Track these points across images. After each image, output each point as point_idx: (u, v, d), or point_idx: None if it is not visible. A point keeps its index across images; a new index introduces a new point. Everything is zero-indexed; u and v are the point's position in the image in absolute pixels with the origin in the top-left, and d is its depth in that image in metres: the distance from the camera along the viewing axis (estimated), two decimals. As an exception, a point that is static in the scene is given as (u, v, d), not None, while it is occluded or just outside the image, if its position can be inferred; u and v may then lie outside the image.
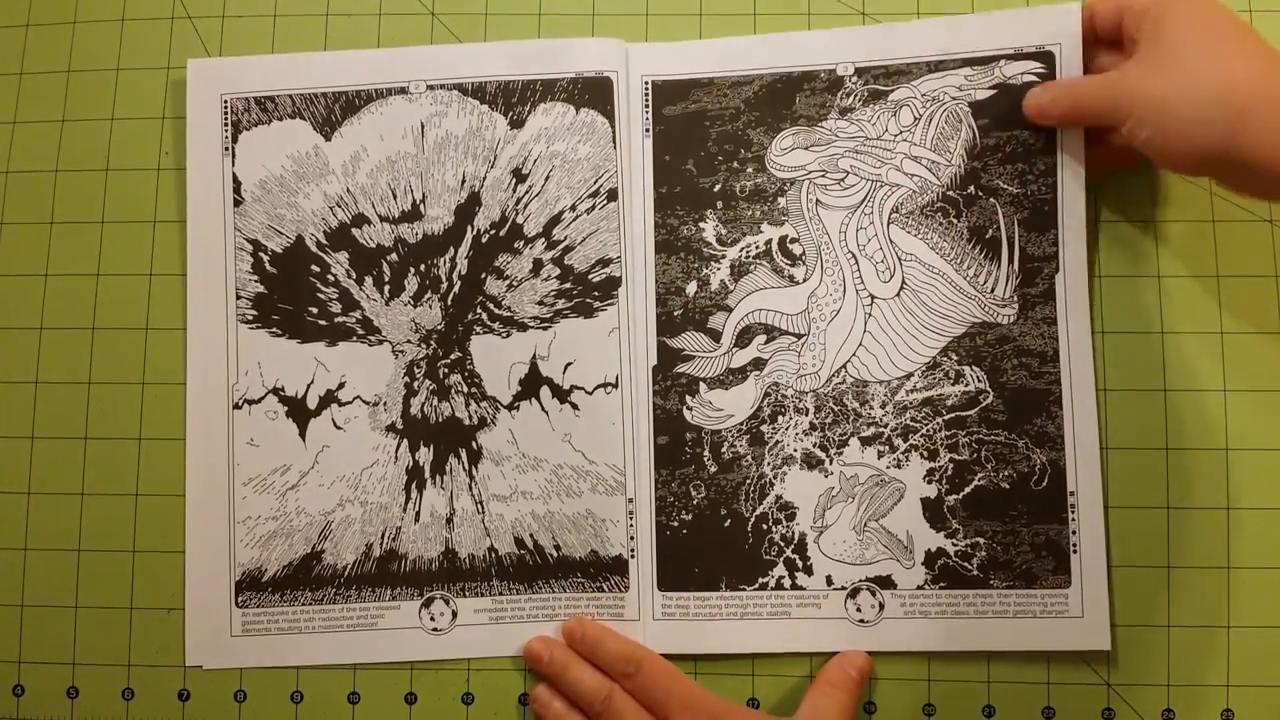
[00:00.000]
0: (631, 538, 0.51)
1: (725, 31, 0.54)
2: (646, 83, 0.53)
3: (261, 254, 0.53)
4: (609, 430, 0.52)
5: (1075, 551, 0.49)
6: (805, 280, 0.52)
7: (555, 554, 0.51)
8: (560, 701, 0.49)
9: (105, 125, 0.55)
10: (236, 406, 0.53)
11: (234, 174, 0.54)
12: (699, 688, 0.48)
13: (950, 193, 0.51)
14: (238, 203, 0.54)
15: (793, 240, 0.52)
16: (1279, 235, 0.51)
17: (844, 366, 0.51)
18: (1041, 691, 0.49)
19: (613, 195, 0.53)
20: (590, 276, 0.53)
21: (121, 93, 0.55)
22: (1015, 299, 0.50)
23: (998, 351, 0.50)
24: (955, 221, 0.51)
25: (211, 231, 0.54)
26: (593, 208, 0.53)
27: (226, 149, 0.54)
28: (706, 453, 0.51)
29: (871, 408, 0.51)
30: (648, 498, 0.51)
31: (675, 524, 0.51)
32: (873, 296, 0.51)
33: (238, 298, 0.53)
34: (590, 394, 0.52)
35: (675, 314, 0.52)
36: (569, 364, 0.52)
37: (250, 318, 0.53)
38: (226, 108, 0.54)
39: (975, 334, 0.51)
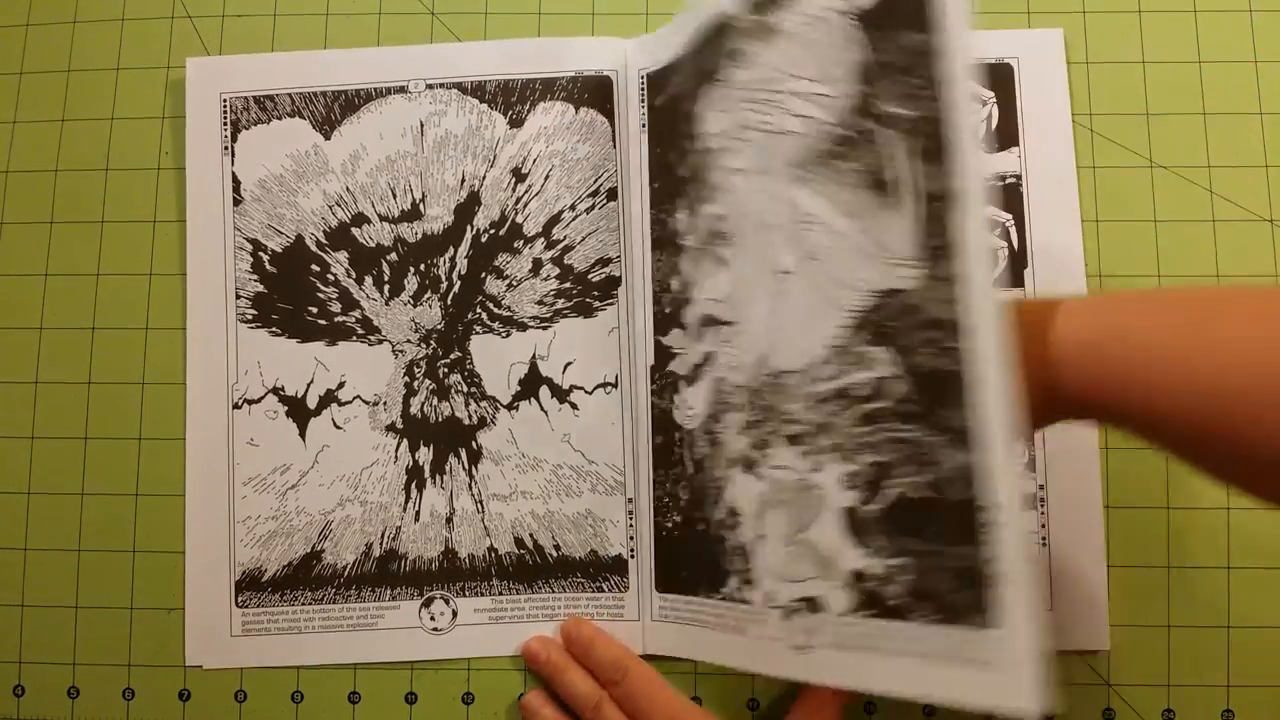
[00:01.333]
0: (631, 538, 0.51)
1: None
2: (643, 76, 0.53)
3: (261, 253, 0.53)
4: (608, 430, 0.52)
5: (997, 583, 0.35)
6: (732, 261, 0.46)
7: (555, 554, 0.51)
8: (550, 709, 0.49)
9: (105, 125, 0.55)
10: (236, 406, 0.53)
11: (233, 173, 0.54)
12: (683, 701, 0.47)
13: (842, 130, 0.41)
14: (237, 202, 0.54)
15: (720, 218, 0.47)
16: (1279, 235, 0.51)
17: (765, 355, 0.44)
18: (1041, 691, 0.49)
19: (612, 195, 0.53)
20: (590, 276, 0.53)
21: (121, 92, 0.55)
22: (922, 256, 0.38)
23: (902, 324, 0.38)
24: (850, 165, 0.40)
25: (211, 231, 0.54)
26: (592, 207, 0.53)
27: (226, 148, 0.54)
28: (687, 453, 0.49)
29: (793, 401, 0.42)
30: (646, 498, 0.51)
31: (669, 525, 0.50)
32: (784, 271, 0.43)
33: (237, 297, 0.53)
34: (590, 394, 0.52)
35: (666, 310, 0.51)
36: (568, 364, 0.52)
37: (250, 317, 0.53)
38: (226, 107, 0.54)
39: (880, 305, 0.39)
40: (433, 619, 0.51)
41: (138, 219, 0.54)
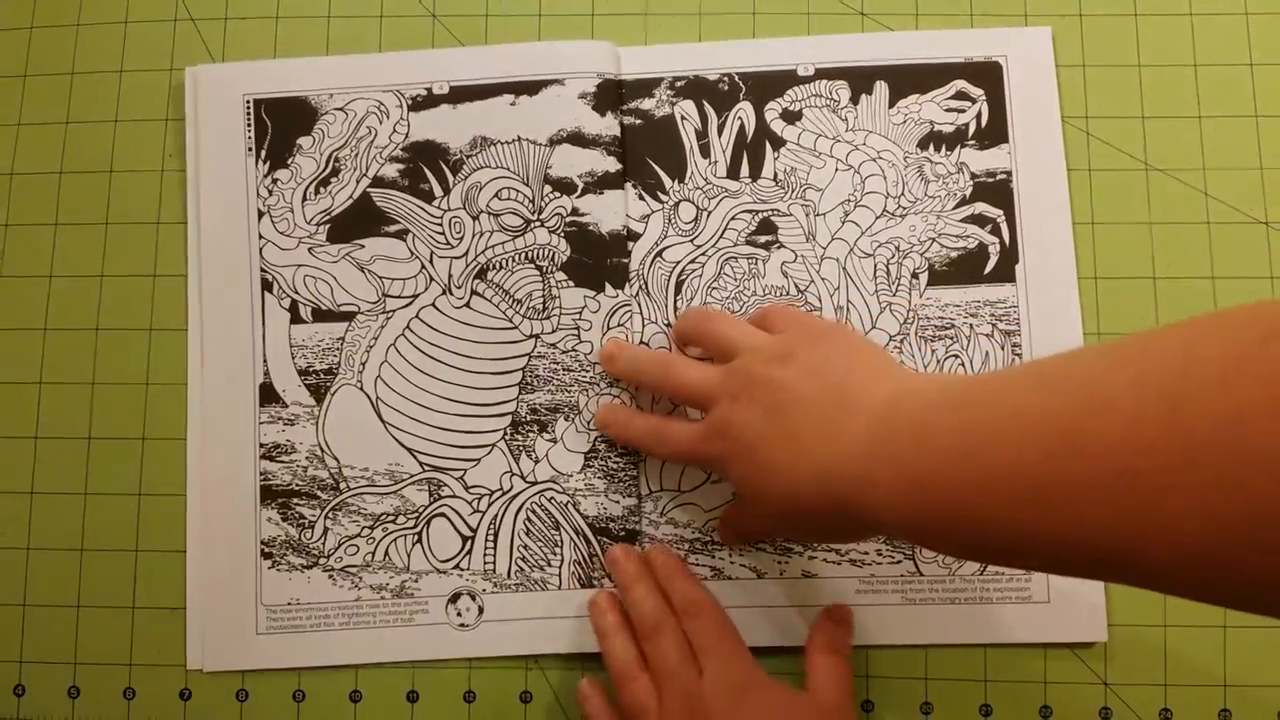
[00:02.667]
0: None
1: (724, 32, 0.55)
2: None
3: None
4: None
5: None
6: None
7: None
8: (615, 615, 0.49)
9: (109, 127, 0.55)
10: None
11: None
12: (743, 650, 0.46)
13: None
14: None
15: None
16: (1275, 238, 0.52)
17: None
18: (1039, 690, 0.50)
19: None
20: None
21: (125, 95, 0.56)
22: None
23: None
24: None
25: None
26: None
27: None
28: None
29: None
30: None
31: None
32: None
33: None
34: None
35: None
36: None
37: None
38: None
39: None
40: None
41: (141, 220, 0.55)
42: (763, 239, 0.53)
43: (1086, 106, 0.53)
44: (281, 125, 0.54)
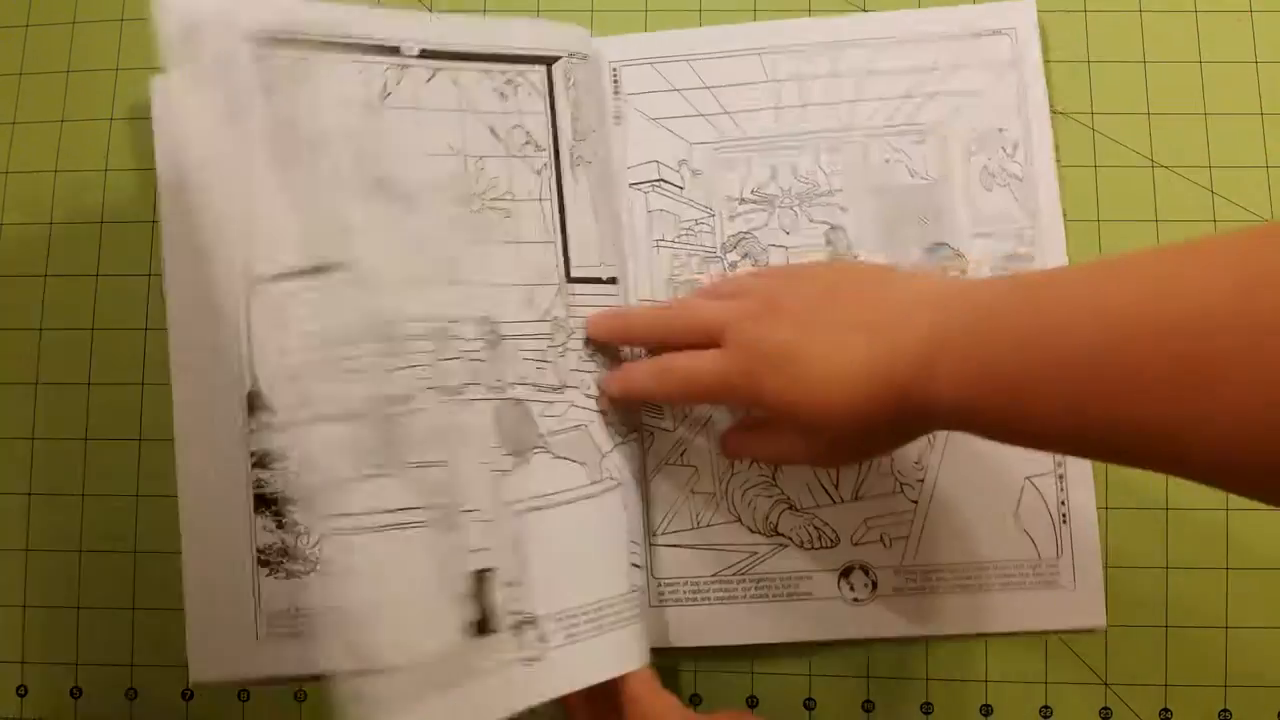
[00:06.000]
0: None
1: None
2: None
3: None
4: None
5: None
6: None
7: None
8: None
9: (104, 125, 0.55)
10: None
11: None
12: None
13: None
14: None
15: None
16: None
17: None
18: (1039, 690, 0.50)
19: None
20: None
21: (120, 93, 0.55)
22: None
23: None
24: None
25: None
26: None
27: None
28: None
29: None
30: None
31: None
32: None
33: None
34: None
35: None
36: None
37: None
38: None
39: None
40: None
41: (136, 219, 0.54)
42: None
43: (1092, 102, 0.53)
44: None
